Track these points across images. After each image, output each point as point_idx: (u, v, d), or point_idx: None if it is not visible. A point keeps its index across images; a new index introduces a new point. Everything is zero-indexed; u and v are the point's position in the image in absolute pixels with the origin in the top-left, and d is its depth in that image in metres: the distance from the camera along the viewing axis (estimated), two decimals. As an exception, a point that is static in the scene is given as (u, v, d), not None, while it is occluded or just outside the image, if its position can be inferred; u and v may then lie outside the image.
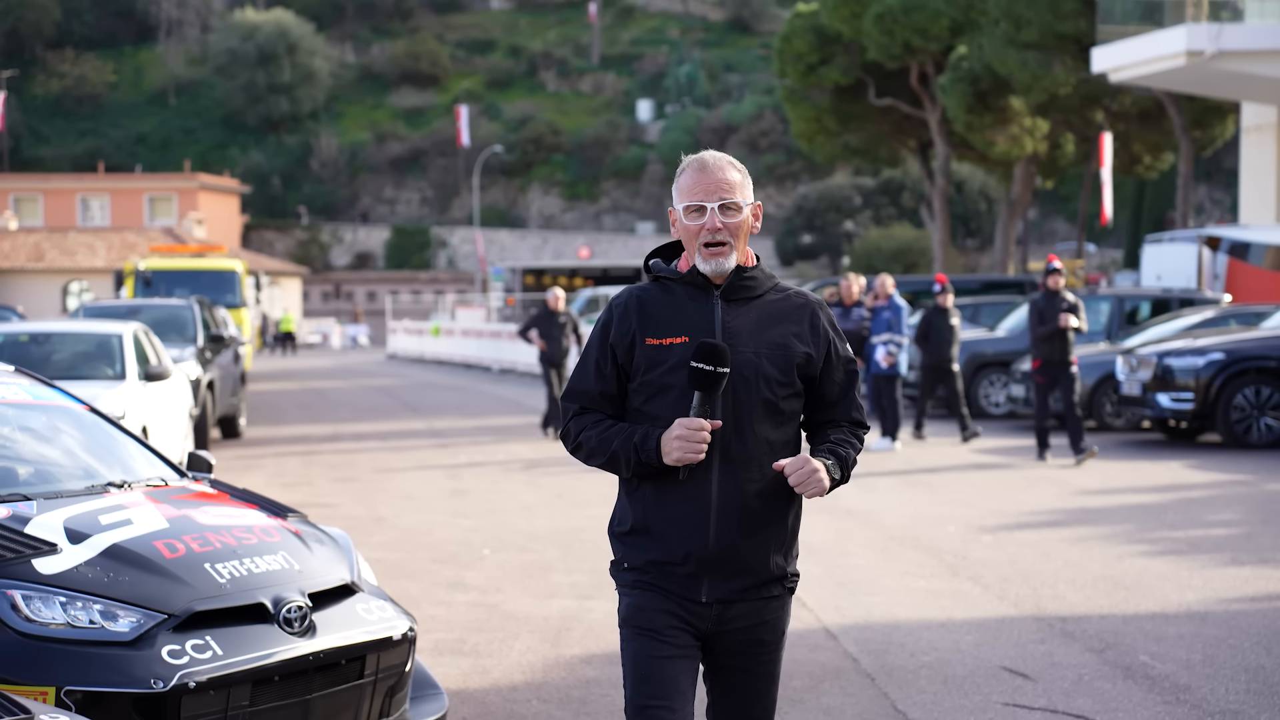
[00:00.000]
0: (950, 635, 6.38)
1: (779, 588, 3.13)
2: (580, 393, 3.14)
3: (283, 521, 4.71)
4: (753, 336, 3.08)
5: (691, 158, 3.15)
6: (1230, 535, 8.97)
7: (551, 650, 6.21)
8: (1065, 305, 12.70)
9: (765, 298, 3.14)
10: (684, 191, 3.09)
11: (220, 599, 4.14)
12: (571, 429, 3.15)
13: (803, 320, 3.13)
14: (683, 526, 3.05)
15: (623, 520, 3.13)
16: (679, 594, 3.07)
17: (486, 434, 16.53)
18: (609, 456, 3.07)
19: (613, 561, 3.17)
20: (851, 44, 35.26)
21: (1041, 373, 12.90)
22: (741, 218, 3.10)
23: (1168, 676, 5.63)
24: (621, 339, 3.10)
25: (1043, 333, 12.73)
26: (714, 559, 3.05)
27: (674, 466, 3.00)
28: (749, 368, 3.05)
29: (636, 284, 3.21)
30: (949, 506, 10.34)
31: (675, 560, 3.05)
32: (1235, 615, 6.70)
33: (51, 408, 5.01)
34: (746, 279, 3.12)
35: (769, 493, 3.07)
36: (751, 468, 3.06)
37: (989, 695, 5.42)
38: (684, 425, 2.96)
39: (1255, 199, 27.54)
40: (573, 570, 7.98)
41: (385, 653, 4.40)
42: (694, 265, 3.10)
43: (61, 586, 3.99)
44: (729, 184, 3.09)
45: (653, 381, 3.07)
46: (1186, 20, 24.11)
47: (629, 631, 3.10)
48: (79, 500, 4.46)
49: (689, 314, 3.07)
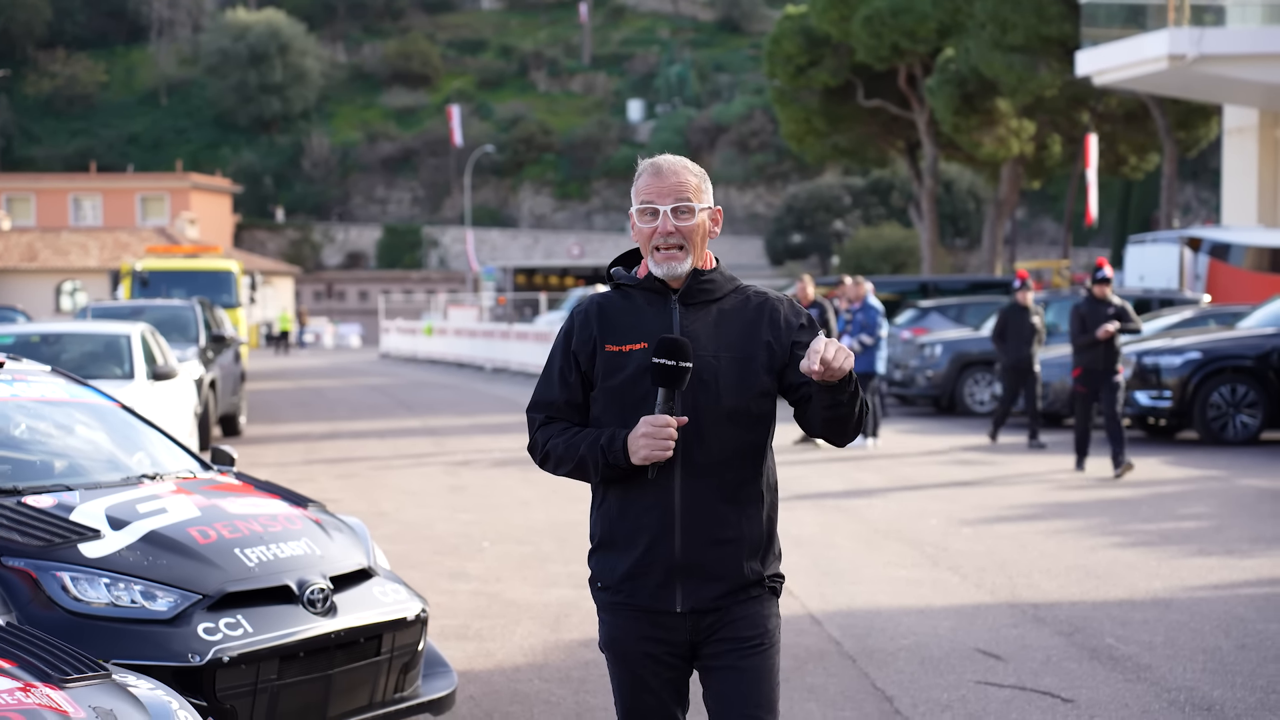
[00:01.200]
0: (928, 621, 6.74)
1: (757, 589, 3.07)
2: (545, 403, 3.11)
3: (304, 510, 5.06)
4: (712, 339, 3.03)
5: (647, 161, 3.13)
6: (1200, 528, 9.35)
7: (551, 635, 6.56)
8: (1110, 311, 11.97)
9: (724, 300, 3.09)
10: (638, 194, 3.07)
11: (250, 581, 4.49)
12: (538, 439, 3.10)
13: (761, 318, 3.08)
14: (648, 534, 3.00)
15: (593, 535, 3.11)
16: (653, 609, 3.02)
17: (482, 431, 16.87)
18: (577, 462, 3.03)
19: (589, 579, 3.13)
20: (840, 46, 35.66)
21: (1083, 381, 12.12)
22: (695, 221, 3.04)
23: (1130, 657, 6.00)
24: (583, 346, 3.08)
25: (1083, 341, 12.00)
26: (682, 567, 3.00)
27: (642, 468, 2.96)
28: (708, 371, 3.00)
29: (599, 291, 3.22)
30: (932, 501, 10.70)
31: (643, 570, 3.01)
32: (1198, 601, 7.07)
33: (86, 405, 5.35)
34: (704, 282, 3.07)
35: (736, 498, 3.02)
36: (715, 472, 3.00)
37: (963, 675, 5.78)
38: (649, 422, 2.92)
39: (1237, 200, 27.96)
40: (569, 561, 8.33)
41: (400, 632, 4.75)
42: (650, 270, 3.08)
43: (105, 569, 4.34)
44: (683, 186, 3.04)
45: (612, 388, 3.03)
46: (1169, 24, 24.50)
47: (609, 657, 3.10)
48: (117, 490, 4.80)
49: (647, 320, 3.04)
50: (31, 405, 5.20)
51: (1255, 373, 14.35)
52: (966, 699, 5.43)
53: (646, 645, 3.04)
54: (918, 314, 21.63)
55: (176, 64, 79.73)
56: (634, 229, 3.09)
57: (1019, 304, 14.38)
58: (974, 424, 17.22)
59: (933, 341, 19.02)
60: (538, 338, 28.79)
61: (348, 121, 77.82)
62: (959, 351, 18.61)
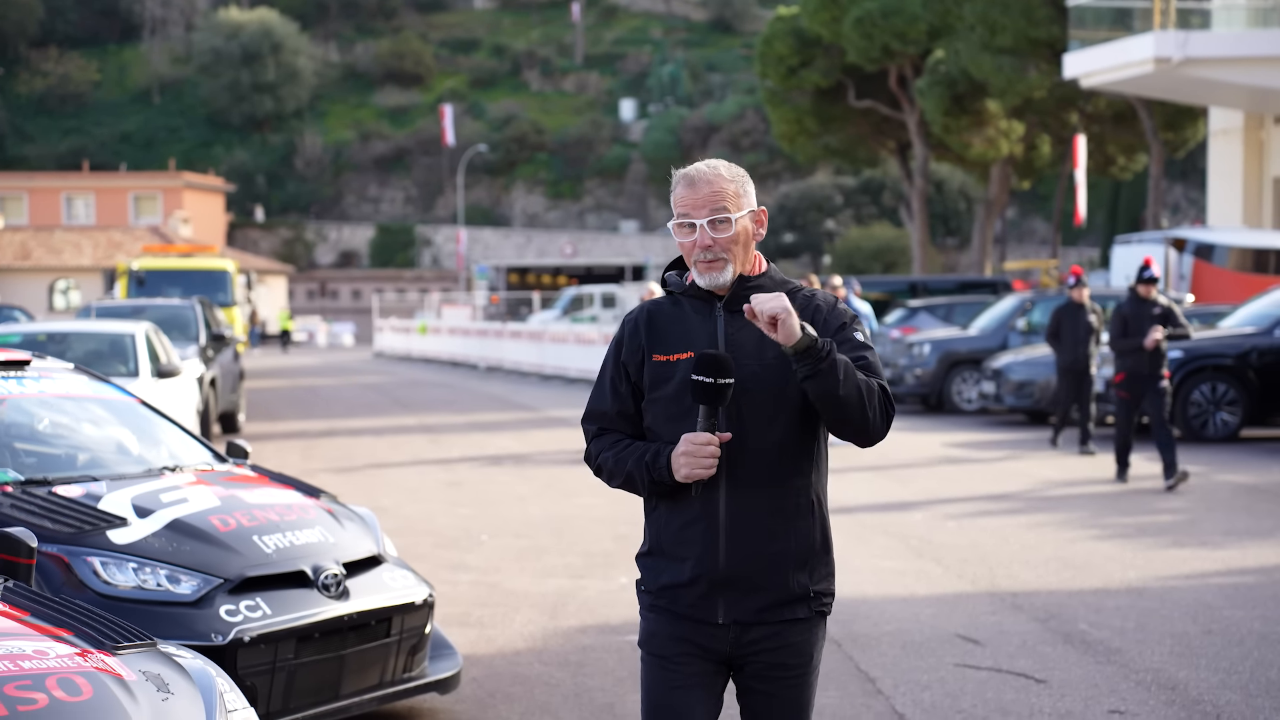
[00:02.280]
0: (911, 608, 7.02)
1: (804, 609, 3.00)
2: (598, 414, 3.09)
3: (317, 501, 5.33)
4: (757, 348, 2.97)
5: (681, 171, 3.04)
6: (1176, 521, 9.65)
7: (550, 622, 6.83)
8: (1156, 312, 11.24)
9: None
10: (675, 206, 3.01)
11: (268, 566, 4.76)
12: (592, 450, 3.09)
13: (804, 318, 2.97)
14: (693, 547, 2.97)
15: (644, 542, 3.09)
16: (693, 617, 2.99)
17: (478, 429, 17.14)
18: (625, 477, 3.01)
19: (636, 580, 3.12)
20: (831, 47, 35.96)
21: (1126, 387, 11.38)
22: (735, 230, 2.98)
23: (1102, 641, 6.29)
24: (633, 356, 3.04)
25: (1124, 345, 11.30)
26: (725, 579, 2.96)
27: (686, 484, 2.93)
28: (753, 381, 2.94)
29: (652, 299, 3.18)
30: (918, 496, 10.99)
31: (685, 582, 2.98)
32: (1169, 590, 7.36)
33: (107, 400, 5.62)
34: (750, 288, 3.01)
35: (784, 508, 2.97)
36: (761, 483, 2.95)
37: (942, 658, 6.07)
38: (689, 441, 2.87)
39: (1222, 201, 28.30)
40: (566, 553, 8.60)
41: (408, 615, 5.02)
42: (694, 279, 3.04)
43: (133, 554, 4.61)
44: (719, 195, 2.97)
45: (660, 399, 3.00)
46: (1155, 28, 24.82)
47: (644, 655, 3.07)
48: (140, 481, 5.07)
49: (693, 328, 3.00)
50: (56, 401, 5.46)
51: (1235, 371, 14.66)
52: (945, 680, 5.72)
53: (683, 645, 3.00)
54: (906, 313, 21.93)
55: (169, 63, 79.87)
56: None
57: (1074, 301, 13.55)
58: (961, 421, 17.52)
59: (921, 340, 19.32)
60: (531, 336, 29.04)
61: (340, 121, 78.01)
62: (947, 350, 18.92)
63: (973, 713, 5.27)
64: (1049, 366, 16.68)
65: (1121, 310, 11.46)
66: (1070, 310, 13.58)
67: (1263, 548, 8.57)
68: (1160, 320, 11.22)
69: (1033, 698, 5.44)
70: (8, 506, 4.69)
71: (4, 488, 4.84)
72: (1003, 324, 19.27)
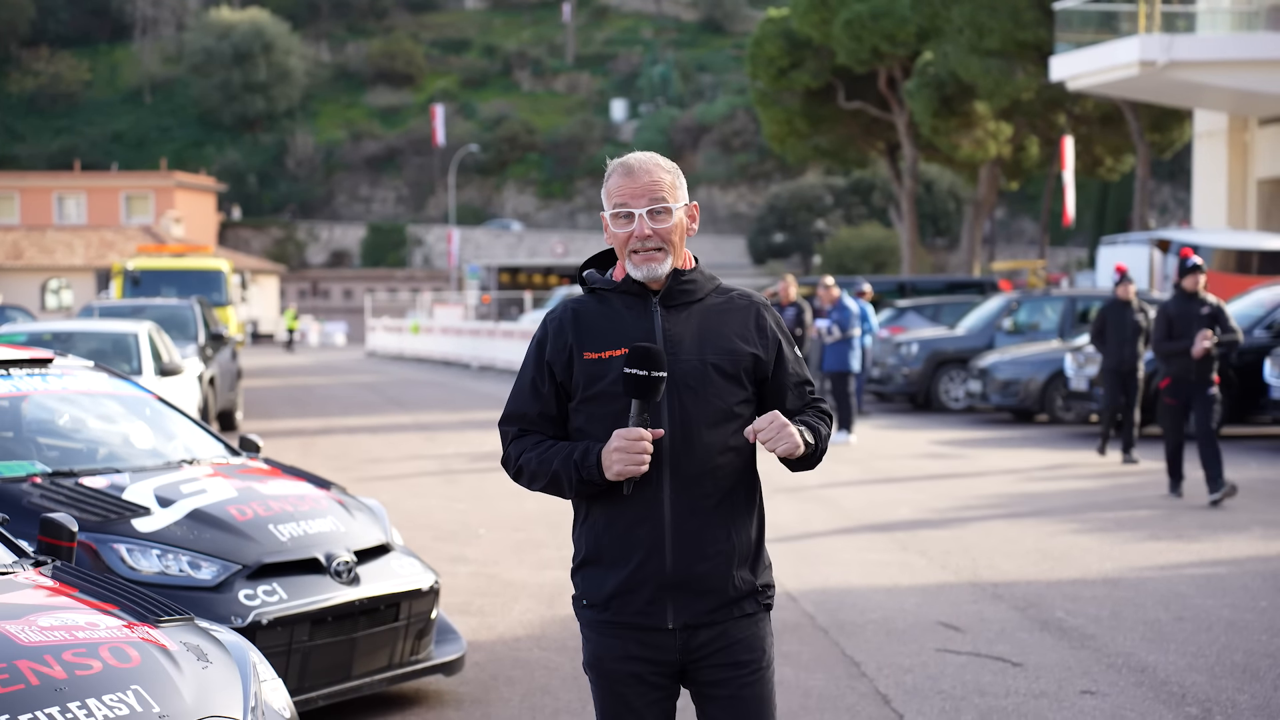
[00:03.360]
0: (895, 598, 7.30)
1: (751, 604, 2.96)
2: (518, 415, 2.98)
3: (328, 492, 5.59)
4: (696, 342, 2.92)
5: (616, 161, 2.98)
6: (1153, 515, 9.94)
7: (548, 610, 7.10)
8: (1205, 311, 10.26)
9: (706, 300, 2.97)
10: (610, 196, 2.93)
11: (283, 553, 5.02)
12: (511, 453, 2.98)
13: (748, 321, 2.98)
14: (637, 551, 2.88)
15: (578, 552, 2.99)
16: (641, 625, 2.91)
17: (472, 427, 17.38)
18: (550, 478, 2.90)
19: (574, 598, 3.03)
20: (821, 49, 36.28)
21: (1172, 393, 10.40)
22: (673, 221, 2.91)
23: (1077, 628, 6.57)
24: (558, 355, 2.94)
25: (1169, 350, 10.28)
26: (673, 582, 2.89)
27: (618, 483, 2.84)
28: (695, 376, 2.88)
29: (572, 297, 3.05)
30: (904, 492, 11.27)
31: (633, 588, 2.89)
32: (1144, 580, 7.65)
33: (125, 397, 5.87)
34: (685, 282, 2.95)
35: (727, 505, 2.92)
36: (705, 481, 2.89)
37: (924, 643, 6.34)
38: (622, 436, 2.79)
39: (1207, 203, 28.64)
40: (562, 546, 8.86)
41: (415, 601, 5.29)
42: (628, 273, 2.94)
43: (156, 542, 4.87)
44: (657, 185, 2.90)
45: (593, 398, 2.90)
46: (1140, 31, 25.15)
47: (593, 677, 2.99)
48: (161, 473, 5.33)
49: (627, 324, 2.91)
50: (78, 397, 5.71)
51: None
52: (926, 664, 5.99)
53: (633, 665, 2.92)
54: (895, 313, 22.23)
55: (160, 62, 79.96)
56: (608, 232, 2.96)
57: (1120, 299, 12.60)
58: (948, 420, 17.81)
59: (909, 340, 19.61)
60: (524, 336, 29.29)
61: (332, 120, 78.18)
62: (935, 350, 19.21)
63: (952, 693, 5.54)
64: (1034, 365, 16.99)
65: (1166, 309, 10.48)
66: (1115, 308, 12.67)
67: (1236, 540, 8.86)
68: (1209, 321, 10.24)
69: (1009, 679, 5.72)
70: (37, 496, 4.94)
71: (33, 479, 5.10)
72: (989, 324, 19.58)
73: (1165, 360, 10.42)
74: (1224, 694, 5.46)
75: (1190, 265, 10.38)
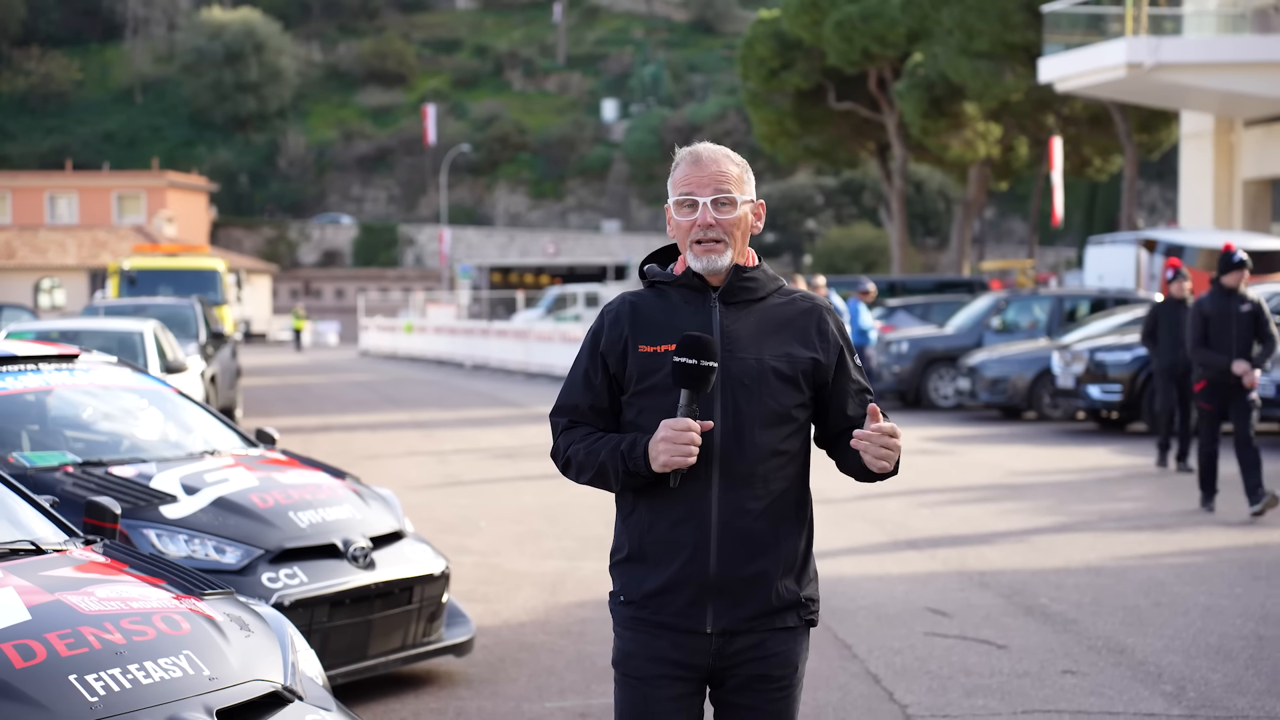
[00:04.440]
0: (885, 585, 7.56)
1: (793, 617, 2.87)
2: (569, 407, 2.92)
3: (343, 482, 5.85)
4: (754, 341, 2.86)
5: (686, 149, 2.94)
6: (1135, 508, 10.22)
7: (550, 598, 7.35)
8: (1245, 309, 9.60)
9: (768, 300, 2.91)
10: (676, 185, 2.89)
11: (303, 539, 5.27)
12: (560, 445, 2.92)
13: (809, 325, 2.91)
14: (682, 550, 2.81)
15: (620, 548, 2.91)
16: (678, 627, 2.83)
17: (469, 425, 17.63)
18: (597, 470, 2.84)
19: (610, 594, 2.95)
20: (812, 50, 36.58)
21: (1207, 397, 9.78)
22: (738, 214, 2.87)
23: (1060, 614, 6.84)
24: (613, 347, 2.89)
25: (1203, 359, 9.70)
26: (716, 585, 2.81)
27: (664, 476, 2.78)
28: (751, 375, 2.83)
29: (631, 290, 3.01)
30: (894, 485, 11.49)
31: (673, 587, 2.82)
32: (1125, 569, 7.92)
33: (148, 391, 6.11)
34: (747, 280, 2.90)
35: (776, 510, 2.84)
36: (755, 483, 2.82)
37: (913, 627, 6.61)
38: (670, 426, 2.73)
39: (1194, 203, 28.97)
40: (561, 538, 9.12)
41: (427, 585, 5.54)
42: (689, 266, 2.89)
43: (183, 527, 5.12)
44: (724, 176, 2.87)
45: (646, 391, 2.85)
46: (1127, 34, 25.47)
47: (619, 676, 2.90)
48: (185, 463, 5.58)
49: (685, 318, 2.86)
50: (103, 391, 5.95)
51: (1199, 368, 15.23)
52: (915, 646, 6.25)
53: (662, 666, 2.84)
54: (885, 312, 22.52)
55: (152, 62, 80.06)
56: (670, 222, 2.91)
57: (1174, 298, 11.82)
58: (938, 417, 18.09)
59: (899, 339, 19.90)
60: (517, 335, 29.54)
61: (323, 120, 78.33)
62: (924, 348, 19.50)
63: (939, 673, 5.80)
64: (1022, 364, 17.27)
65: (1201, 307, 9.77)
66: (1170, 307, 11.85)
67: (1215, 531, 9.14)
68: (1249, 319, 9.60)
69: (994, 660, 5.98)
70: (70, 485, 5.19)
71: (66, 468, 5.34)
72: (978, 323, 19.87)
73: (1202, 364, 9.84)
74: (1198, 673, 5.73)
75: (1237, 261, 9.71)
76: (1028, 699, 5.41)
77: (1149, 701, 5.36)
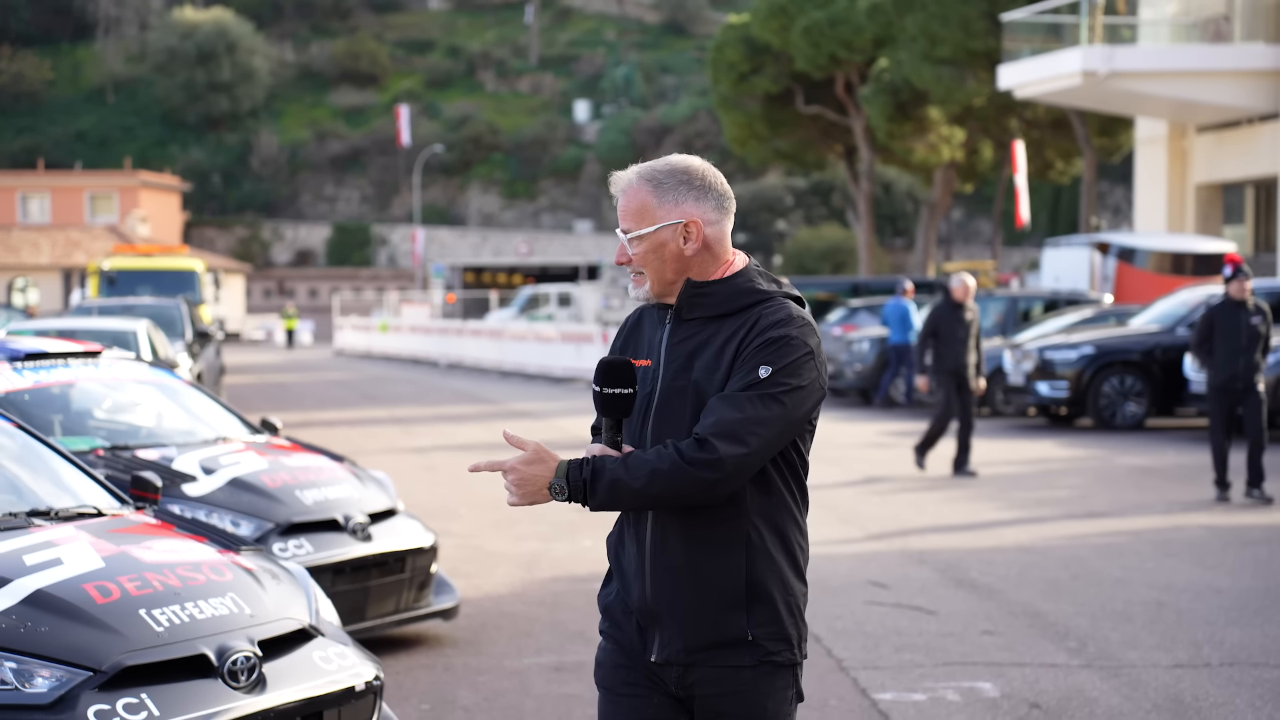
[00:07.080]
0: (831, 563, 8.28)
1: (746, 656, 2.67)
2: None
3: (342, 464, 6.53)
4: (689, 360, 2.70)
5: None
6: (1071, 496, 10.98)
7: (527, 574, 8.04)
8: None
9: (726, 316, 2.72)
10: None
11: (308, 514, 5.95)
12: None
13: (734, 336, 2.69)
14: (626, 574, 2.77)
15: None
16: (631, 649, 2.77)
17: (445, 421, 18.28)
18: None
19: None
20: (781, 55, 37.38)
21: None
22: (644, 247, 2.71)
23: (987, 585, 7.58)
24: None
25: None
26: (651, 612, 2.72)
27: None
28: (678, 396, 2.68)
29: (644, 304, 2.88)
30: (850, 476, 12.27)
31: (622, 609, 2.78)
32: (1052, 548, 8.67)
33: (162, 384, 6.76)
34: (699, 295, 2.72)
35: (710, 537, 2.67)
36: (683, 512, 2.66)
37: (854, 598, 7.33)
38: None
39: (1148, 206, 29.90)
40: (536, 523, 9.80)
41: (418, 557, 6.24)
42: None
43: (204, 503, 5.79)
44: (628, 211, 2.73)
45: None
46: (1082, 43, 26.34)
47: (597, 685, 2.86)
48: (201, 448, 6.24)
49: (649, 335, 2.81)
50: (121, 383, 6.60)
51: (1142, 366, 16.07)
52: (855, 612, 6.97)
53: (627, 675, 2.77)
54: (847, 312, 23.28)
55: (123, 62, 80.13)
56: None
57: (1232, 299, 10.15)
58: (896, 414, 18.86)
59: (860, 338, 20.66)
60: (491, 335, 30.19)
61: (296, 120, 78.63)
62: (884, 348, 20.24)
63: (874, 634, 6.53)
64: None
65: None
66: (1228, 310, 10.15)
67: (1140, 516, 9.91)
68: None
69: (923, 624, 6.71)
70: (102, 466, 5.83)
71: (97, 451, 5.99)
72: (936, 322, 20.60)
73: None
74: (1100, 632, 6.48)
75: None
76: (948, 654, 6.14)
77: (1053, 655, 6.10)
